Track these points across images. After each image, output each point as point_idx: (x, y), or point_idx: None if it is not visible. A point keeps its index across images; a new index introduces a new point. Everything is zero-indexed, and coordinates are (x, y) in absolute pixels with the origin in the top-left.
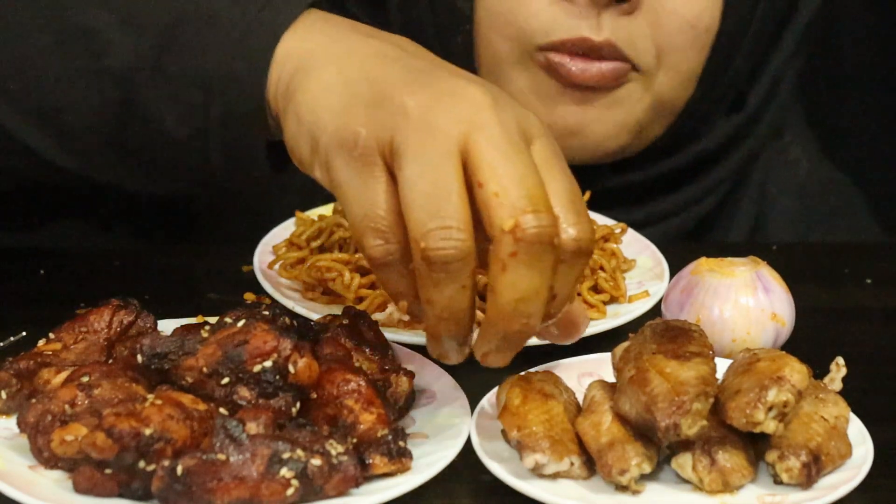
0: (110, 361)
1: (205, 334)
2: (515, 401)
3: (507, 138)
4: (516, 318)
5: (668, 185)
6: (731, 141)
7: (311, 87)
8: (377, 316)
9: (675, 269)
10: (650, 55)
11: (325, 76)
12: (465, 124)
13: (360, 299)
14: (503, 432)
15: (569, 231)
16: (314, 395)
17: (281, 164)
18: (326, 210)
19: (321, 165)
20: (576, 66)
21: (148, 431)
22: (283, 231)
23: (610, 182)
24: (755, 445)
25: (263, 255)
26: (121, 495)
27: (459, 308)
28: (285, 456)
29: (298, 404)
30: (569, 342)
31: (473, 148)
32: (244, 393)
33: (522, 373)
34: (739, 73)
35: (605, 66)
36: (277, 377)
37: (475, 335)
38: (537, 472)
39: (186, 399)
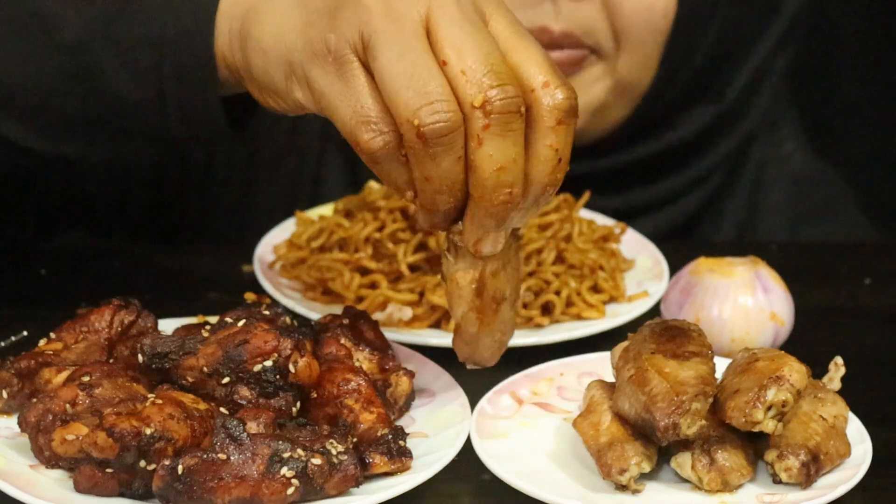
0: (111, 361)
1: (205, 334)
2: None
3: (465, 16)
4: (499, 189)
5: (645, 174)
6: (709, 132)
7: (266, 21)
8: (377, 316)
9: (674, 269)
10: (609, 40)
11: (278, 6)
12: (423, 5)
13: (360, 299)
14: None
15: (558, 94)
16: (314, 395)
17: (240, 125)
18: (326, 210)
19: (300, 85)
20: None
21: (149, 431)
22: (284, 231)
23: (582, 167)
24: (754, 445)
25: (263, 255)
26: (121, 494)
27: (457, 179)
28: (286, 455)
29: (298, 404)
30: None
31: (434, 27)
32: (244, 392)
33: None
34: (710, 61)
35: (563, 55)
36: (278, 377)
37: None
38: None
39: (187, 398)
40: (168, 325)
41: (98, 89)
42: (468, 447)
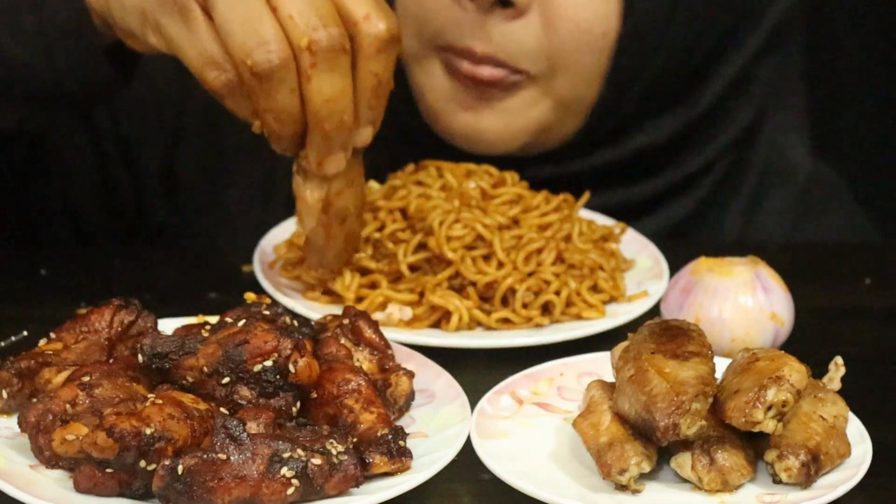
0: (111, 361)
1: (205, 334)
2: None
3: None
4: (331, 118)
5: (611, 179)
6: (682, 138)
7: None
8: (377, 316)
9: (674, 269)
10: (541, 63)
11: None
12: None
13: (360, 299)
14: None
15: (379, 25)
16: (314, 395)
17: (127, 76)
18: None
19: (153, 31)
20: (468, 64)
21: (149, 431)
22: (283, 231)
23: (543, 171)
24: (754, 445)
25: (264, 255)
26: (121, 494)
27: (293, 109)
28: (286, 455)
29: (299, 404)
30: None
31: None
32: (244, 392)
33: None
34: (672, 72)
35: (493, 73)
36: (278, 377)
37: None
38: None
39: (187, 399)
40: (168, 325)
41: None
42: (468, 447)
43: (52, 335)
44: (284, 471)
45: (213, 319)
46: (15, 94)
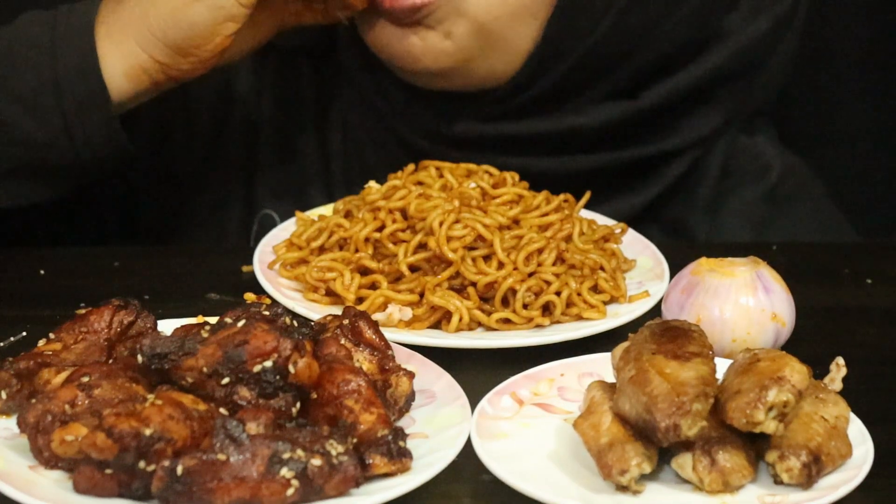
0: (110, 362)
1: (205, 334)
2: None
3: None
4: None
5: (545, 150)
6: (614, 127)
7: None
8: (377, 316)
9: (675, 269)
10: None
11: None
12: None
13: (361, 300)
14: None
15: None
16: (314, 395)
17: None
18: (326, 210)
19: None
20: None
21: (148, 432)
22: (283, 231)
23: (473, 131)
24: (755, 445)
25: (263, 255)
26: (121, 495)
27: None
28: (285, 456)
29: (298, 404)
30: None
31: None
32: (244, 393)
33: None
34: (610, 51)
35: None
36: (277, 377)
37: None
38: None
39: (187, 399)
40: (168, 325)
41: (7, 139)
42: (468, 448)
43: (52, 335)
44: (284, 471)
45: (213, 320)
46: (33, 170)
